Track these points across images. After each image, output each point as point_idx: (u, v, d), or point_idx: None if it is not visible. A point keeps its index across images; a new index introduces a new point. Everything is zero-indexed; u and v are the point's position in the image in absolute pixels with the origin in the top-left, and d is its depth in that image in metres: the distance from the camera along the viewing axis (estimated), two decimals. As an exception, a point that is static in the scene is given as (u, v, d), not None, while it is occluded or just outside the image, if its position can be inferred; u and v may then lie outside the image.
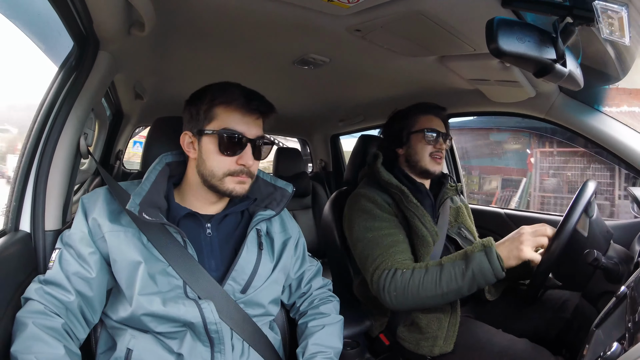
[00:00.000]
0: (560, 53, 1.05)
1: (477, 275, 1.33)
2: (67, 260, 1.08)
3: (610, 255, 1.28)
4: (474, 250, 1.36)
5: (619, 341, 0.78)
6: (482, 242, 1.37)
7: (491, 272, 1.32)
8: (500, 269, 1.31)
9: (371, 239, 1.58)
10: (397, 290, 1.43)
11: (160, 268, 1.10)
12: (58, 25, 1.25)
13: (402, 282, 1.42)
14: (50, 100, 1.27)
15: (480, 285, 1.35)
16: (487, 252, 1.33)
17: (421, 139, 1.73)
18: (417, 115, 1.79)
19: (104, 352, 1.14)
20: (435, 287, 1.38)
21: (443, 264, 1.40)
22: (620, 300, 0.98)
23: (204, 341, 1.11)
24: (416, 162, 1.75)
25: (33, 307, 1.02)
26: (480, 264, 1.33)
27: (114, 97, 2.36)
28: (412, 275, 1.42)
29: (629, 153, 1.62)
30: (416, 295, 1.41)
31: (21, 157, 1.22)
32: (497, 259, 1.31)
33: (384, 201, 1.66)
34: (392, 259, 1.50)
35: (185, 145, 1.21)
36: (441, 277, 1.38)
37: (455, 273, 1.36)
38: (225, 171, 1.16)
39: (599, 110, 1.72)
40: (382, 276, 1.46)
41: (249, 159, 1.16)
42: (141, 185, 1.14)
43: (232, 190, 1.17)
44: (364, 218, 1.64)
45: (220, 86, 1.19)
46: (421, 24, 1.34)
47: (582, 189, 1.32)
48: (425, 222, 1.60)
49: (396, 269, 1.46)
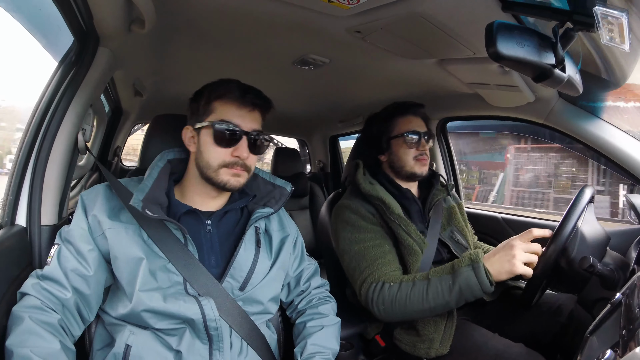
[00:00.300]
0: (559, 58, 1.05)
1: (465, 291, 1.32)
2: (65, 257, 1.08)
3: (606, 261, 1.28)
4: (461, 264, 1.34)
5: (612, 348, 0.78)
6: (470, 256, 1.34)
7: (478, 288, 1.30)
8: (488, 283, 1.29)
9: (357, 251, 1.57)
10: (385, 304, 1.43)
11: (160, 264, 1.11)
12: (58, 21, 1.25)
13: (390, 296, 1.42)
14: (49, 95, 1.26)
15: (468, 299, 1.34)
16: (474, 268, 1.31)
17: (402, 143, 1.71)
18: (394, 118, 1.75)
19: (101, 349, 1.14)
20: (422, 301, 1.37)
21: (430, 278, 1.39)
22: (615, 307, 0.98)
23: (203, 338, 1.11)
24: (401, 168, 1.73)
25: (29, 302, 1.02)
26: (468, 279, 1.31)
27: (113, 94, 2.35)
28: (399, 289, 1.41)
29: (627, 160, 1.62)
30: (404, 308, 1.40)
31: (19, 151, 1.22)
32: (484, 274, 1.29)
33: (367, 212, 1.63)
34: (378, 271, 1.49)
35: (187, 139, 1.24)
36: (428, 291, 1.37)
37: (442, 288, 1.35)
38: (220, 162, 1.17)
39: (598, 116, 1.72)
40: (370, 289, 1.46)
41: (243, 150, 1.18)
42: (144, 181, 1.15)
43: (226, 182, 1.18)
44: (348, 230, 1.62)
45: (218, 82, 1.23)
46: (421, 26, 1.34)
47: (578, 195, 1.32)
48: (410, 231, 1.57)
49: (384, 282, 1.45)
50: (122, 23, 1.28)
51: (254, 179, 1.36)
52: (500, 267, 1.29)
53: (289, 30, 1.53)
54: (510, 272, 1.27)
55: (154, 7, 1.27)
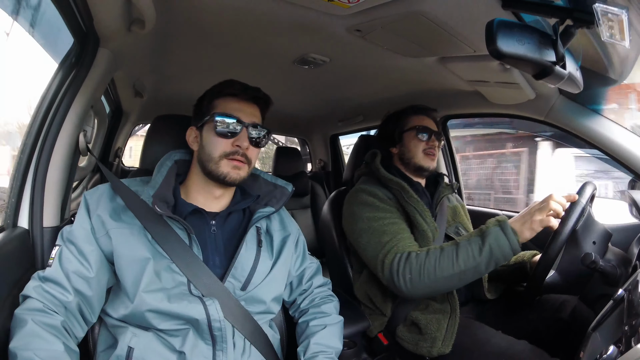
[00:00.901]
0: (560, 55, 1.05)
1: (495, 250, 1.33)
2: (67, 258, 1.08)
3: (608, 257, 1.28)
4: (489, 225, 1.37)
5: (615, 344, 0.78)
6: (497, 217, 1.38)
7: (508, 245, 1.32)
8: (517, 242, 1.31)
9: (377, 227, 1.58)
10: (413, 273, 1.41)
11: (165, 265, 1.11)
12: (58, 22, 1.25)
13: (418, 264, 1.41)
14: (49, 97, 1.26)
15: (498, 261, 1.34)
16: (502, 227, 1.33)
17: (413, 136, 1.78)
18: (409, 115, 1.83)
19: (104, 351, 1.14)
20: (452, 265, 1.37)
21: (459, 242, 1.40)
22: (617, 303, 0.98)
23: (206, 339, 1.11)
24: (410, 159, 1.79)
25: (32, 304, 1.01)
26: (497, 237, 1.33)
27: (113, 95, 2.35)
28: (427, 256, 1.41)
29: (628, 156, 1.62)
30: (433, 276, 1.39)
31: (20, 153, 1.22)
32: (512, 232, 1.31)
33: (384, 195, 1.68)
34: (402, 243, 1.50)
35: (191, 140, 1.26)
36: (458, 254, 1.37)
37: (473, 249, 1.35)
38: (222, 152, 1.19)
39: (599, 113, 1.72)
40: (395, 260, 1.46)
41: (244, 140, 1.20)
42: (153, 178, 1.17)
43: (226, 174, 1.19)
44: (367, 210, 1.64)
45: (219, 83, 1.26)
46: (421, 24, 1.34)
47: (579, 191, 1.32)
48: (426, 217, 1.62)
49: (409, 252, 1.45)
50: (122, 24, 1.28)
51: (255, 180, 1.36)
52: (522, 226, 1.32)
53: (289, 30, 1.53)
54: (531, 229, 1.31)
55: (154, 8, 1.27)
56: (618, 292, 1.00)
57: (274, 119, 3.61)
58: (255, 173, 1.37)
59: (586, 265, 1.21)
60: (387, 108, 1.96)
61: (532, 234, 1.31)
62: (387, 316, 1.66)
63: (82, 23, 1.26)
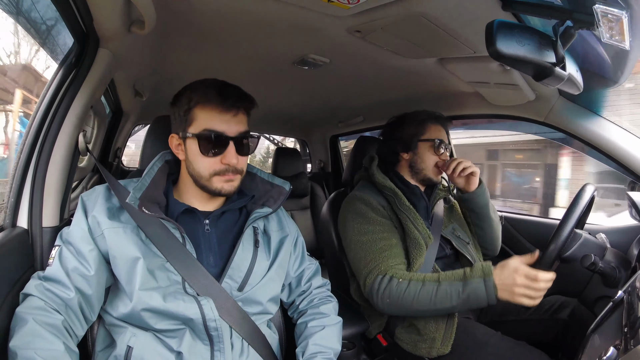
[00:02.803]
0: (560, 57, 1.05)
1: (472, 299, 1.37)
2: (66, 258, 1.08)
3: (608, 259, 1.28)
4: (474, 275, 1.38)
5: (614, 346, 0.78)
6: (483, 268, 1.38)
7: (485, 300, 1.36)
8: (494, 298, 1.34)
9: (364, 242, 1.60)
10: (391, 298, 1.46)
11: (158, 264, 1.11)
12: (58, 22, 1.25)
13: (397, 292, 1.45)
14: (49, 97, 1.26)
15: (472, 307, 1.40)
16: (485, 282, 1.36)
17: (430, 147, 1.76)
18: (427, 123, 1.80)
19: (103, 350, 1.14)
20: (429, 301, 1.42)
21: (440, 281, 1.42)
22: (617, 305, 0.99)
23: (204, 339, 1.11)
24: (420, 170, 1.77)
25: (33, 303, 1.02)
26: (477, 290, 1.36)
27: (113, 95, 2.35)
28: (407, 287, 1.45)
29: (628, 158, 1.62)
30: (409, 306, 1.45)
31: (19, 153, 1.21)
32: (493, 289, 1.34)
33: (378, 204, 1.68)
34: (384, 263, 1.52)
35: (174, 147, 1.23)
36: (437, 294, 1.41)
37: (451, 293, 1.39)
38: (211, 172, 1.17)
39: (599, 114, 1.72)
40: (376, 280, 1.50)
41: (232, 157, 1.16)
42: (141, 180, 1.15)
43: (220, 189, 1.18)
44: (358, 221, 1.65)
45: (196, 85, 1.20)
46: (421, 25, 1.34)
47: (579, 193, 1.32)
48: (418, 225, 1.61)
49: (392, 277, 1.48)
50: (122, 24, 1.27)
51: (252, 179, 1.36)
52: (503, 290, 1.34)
53: (289, 31, 1.53)
54: (511, 300, 1.33)
55: (154, 8, 1.26)
56: (618, 294, 1.00)
57: (274, 120, 3.63)
58: (252, 172, 1.36)
59: (586, 267, 1.21)
60: (387, 109, 1.96)
61: (509, 300, 1.33)
62: (385, 317, 1.66)
63: (82, 23, 1.26)
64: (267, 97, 2.61)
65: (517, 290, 1.30)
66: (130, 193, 1.11)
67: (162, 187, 1.20)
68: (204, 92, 1.16)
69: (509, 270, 1.34)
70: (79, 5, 1.17)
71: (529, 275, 1.30)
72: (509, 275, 1.33)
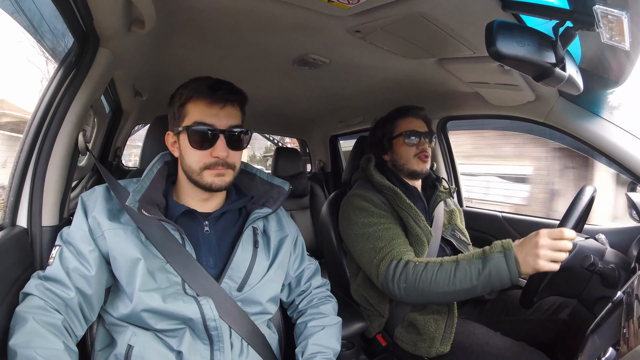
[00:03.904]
0: (559, 57, 1.05)
1: (494, 277, 1.30)
2: (67, 258, 1.08)
3: (607, 260, 1.28)
4: (493, 250, 1.33)
5: (614, 347, 0.78)
6: (502, 243, 1.33)
7: (508, 276, 1.29)
8: (517, 274, 1.28)
9: (372, 232, 1.59)
10: (408, 282, 1.42)
11: (158, 265, 1.11)
12: (58, 22, 1.25)
13: (414, 275, 1.41)
14: (49, 96, 1.26)
15: (495, 287, 1.33)
16: (506, 255, 1.30)
17: (402, 142, 1.77)
18: (395, 120, 1.82)
19: (103, 349, 1.14)
20: (448, 283, 1.36)
21: (459, 260, 1.38)
22: (616, 305, 0.99)
23: (204, 339, 1.11)
24: (402, 166, 1.78)
25: (33, 302, 1.02)
26: (498, 265, 1.30)
27: (113, 94, 2.35)
28: (425, 268, 1.41)
29: (627, 158, 1.62)
30: (427, 289, 1.39)
31: (19, 152, 1.21)
32: (515, 263, 1.27)
33: (379, 200, 1.68)
34: (397, 249, 1.51)
35: (170, 145, 1.25)
36: (456, 273, 1.36)
37: (471, 271, 1.34)
38: (202, 165, 1.17)
39: (599, 115, 1.72)
40: (391, 266, 1.47)
41: (222, 150, 1.16)
42: (140, 182, 1.15)
43: (211, 183, 1.18)
44: (362, 215, 1.65)
45: (189, 82, 1.21)
46: (421, 26, 1.34)
47: (579, 194, 1.32)
48: (419, 221, 1.62)
49: (407, 261, 1.45)
50: (122, 24, 1.28)
51: (252, 180, 1.36)
52: (524, 260, 1.26)
53: (289, 30, 1.53)
54: (534, 268, 1.24)
55: (154, 8, 1.26)
56: (617, 295, 1.00)
57: (274, 119, 3.63)
58: (252, 172, 1.36)
59: (585, 267, 1.21)
60: (387, 109, 1.96)
61: (533, 272, 1.26)
62: (385, 317, 1.66)
63: (82, 23, 1.26)
64: (267, 96, 2.61)
65: (541, 252, 1.21)
66: (129, 194, 1.11)
67: (161, 189, 1.21)
68: (195, 87, 1.18)
69: (530, 238, 1.27)
70: (79, 5, 1.17)
71: (552, 234, 1.23)
72: (530, 241, 1.26)
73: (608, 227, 1.86)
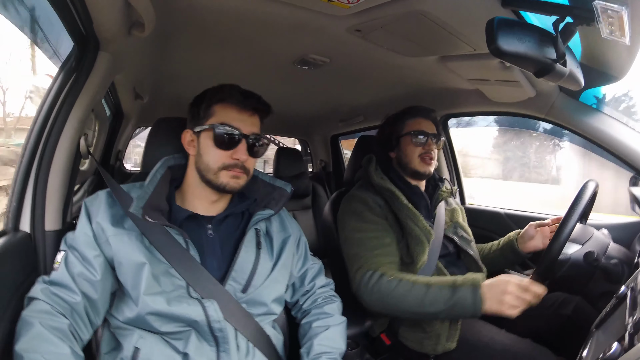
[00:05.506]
0: (560, 53, 1.05)
1: (458, 308, 1.35)
2: (72, 262, 1.09)
3: (610, 255, 1.28)
4: (464, 284, 1.38)
5: (618, 342, 0.78)
6: (473, 280, 1.37)
7: (470, 312, 1.34)
8: (479, 311, 1.33)
9: (358, 239, 1.61)
10: (380, 294, 1.46)
11: (163, 269, 1.11)
12: (58, 26, 1.25)
13: (386, 289, 1.45)
14: (50, 101, 1.26)
15: (457, 317, 1.43)
16: (473, 292, 1.34)
17: (409, 141, 1.76)
18: (405, 119, 1.82)
19: (109, 352, 1.14)
20: (417, 304, 1.41)
21: (430, 285, 1.42)
22: (620, 300, 0.98)
23: (209, 341, 1.12)
24: (406, 164, 1.78)
25: (39, 306, 1.02)
26: (464, 299, 1.35)
27: (114, 98, 2.35)
28: (397, 285, 1.44)
29: (629, 153, 1.62)
30: (395, 305, 1.44)
31: (21, 157, 1.21)
32: (479, 302, 1.32)
33: (375, 203, 1.68)
34: (375, 260, 1.53)
35: (186, 143, 1.25)
36: (425, 297, 1.40)
37: (439, 298, 1.38)
38: (220, 165, 1.18)
39: (599, 110, 1.72)
40: (366, 276, 1.50)
41: (242, 153, 1.19)
42: (144, 189, 1.16)
43: (226, 184, 1.19)
44: (354, 219, 1.67)
45: (220, 87, 1.23)
46: (421, 24, 1.34)
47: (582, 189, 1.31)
48: (418, 222, 1.62)
49: (382, 274, 1.48)
50: (122, 27, 1.28)
51: (253, 182, 1.36)
52: (490, 302, 1.32)
53: (289, 30, 1.53)
54: (496, 310, 1.31)
55: (154, 10, 1.27)
56: (621, 290, 1.00)
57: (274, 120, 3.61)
58: (254, 174, 1.36)
59: (588, 262, 1.21)
60: (388, 108, 1.96)
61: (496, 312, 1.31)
62: (388, 316, 1.66)
63: (82, 27, 1.26)
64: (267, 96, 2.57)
65: (506, 299, 1.29)
66: (132, 199, 1.12)
67: (165, 194, 1.21)
68: (227, 91, 1.21)
69: (501, 281, 1.34)
70: (79, 9, 1.17)
71: (520, 284, 1.30)
72: (499, 284, 1.33)
73: (611, 222, 1.86)
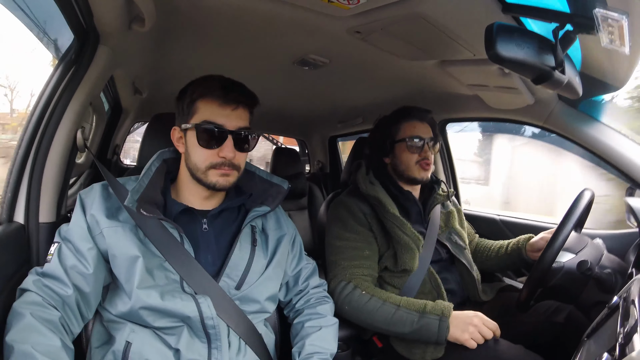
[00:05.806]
0: (559, 60, 1.05)
1: (423, 332, 1.41)
2: (65, 255, 1.08)
3: (604, 265, 1.28)
4: (433, 311, 1.42)
5: (609, 352, 0.78)
6: (443, 308, 1.42)
7: (434, 338, 1.40)
8: (444, 338, 1.39)
9: (338, 247, 1.63)
10: (351, 306, 1.50)
11: (157, 263, 1.11)
12: (58, 19, 1.24)
13: (358, 303, 1.50)
14: (48, 93, 1.26)
15: (421, 339, 1.45)
16: (441, 320, 1.40)
17: (405, 148, 1.72)
18: (399, 122, 1.76)
19: (100, 347, 1.14)
20: (384, 322, 1.46)
21: (400, 307, 1.46)
22: (612, 310, 0.98)
23: (201, 337, 1.12)
24: (402, 172, 1.74)
25: (31, 298, 1.02)
26: (431, 326, 1.40)
27: (112, 92, 2.34)
28: (368, 301, 1.49)
29: (626, 163, 1.62)
30: (363, 320, 1.50)
31: (17, 149, 1.21)
32: (445, 330, 1.38)
33: (360, 211, 1.67)
34: (349, 272, 1.56)
35: (175, 140, 1.24)
36: (394, 317, 1.45)
37: (406, 320, 1.43)
38: (208, 164, 1.17)
39: (598, 119, 1.72)
40: (340, 285, 1.54)
41: (229, 151, 1.16)
42: (139, 181, 1.15)
43: (215, 183, 1.18)
44: (338, 226, 1.67)
45: (201, 80, 1.21)
46: (421, 27, 1.34)
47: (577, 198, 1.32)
48: (405, 229, 1.61)
49: (355, 286, 1.52)
50: (122, 21, 1.27)
51: (251, 178, 1.35)
52: (454, 330, 1.39)
53: (289, 30, 1.53)
54: (457, 338, 1.39)
55: (155, 6, 1.27)
56: (613, 300, 1.00)
57: (273, 119, 3.63)
58: (251, 170, 1.36)
59: (582, 272, 1.21)
60: (387, 110, 1.95)
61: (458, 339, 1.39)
62: None
63: (82, 20, 1.26)
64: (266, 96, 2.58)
65: (470, 330, 1.37)
66: (128, 192, 1.11)
67: (160, 187, 1.20)
68: (208, 85, 1.18)
69: (469, 315, 1.41)
70: (80, 2, 1.17)
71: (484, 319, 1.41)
72: (467, 317, 1.41)
73: (605, 232, 1.86)
